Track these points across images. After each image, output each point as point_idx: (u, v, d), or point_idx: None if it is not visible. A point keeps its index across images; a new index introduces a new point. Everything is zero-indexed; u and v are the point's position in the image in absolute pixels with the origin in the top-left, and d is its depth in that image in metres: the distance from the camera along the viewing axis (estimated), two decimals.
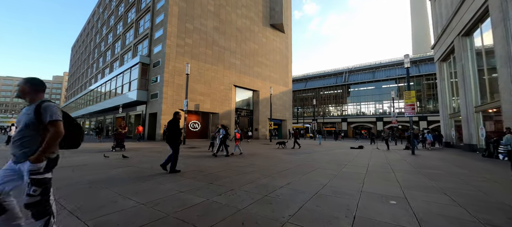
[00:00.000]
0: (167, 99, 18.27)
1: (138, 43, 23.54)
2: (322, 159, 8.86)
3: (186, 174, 5.18)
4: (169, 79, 18.50)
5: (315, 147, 16.26)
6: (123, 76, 22.71)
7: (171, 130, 5.46)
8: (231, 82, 23.96)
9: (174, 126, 5.49)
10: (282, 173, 5.57)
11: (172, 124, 5.50)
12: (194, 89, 20.22)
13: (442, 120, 19.79)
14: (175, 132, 5.47)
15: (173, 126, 5.48)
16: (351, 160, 8.58)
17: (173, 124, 5.50)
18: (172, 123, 5.51)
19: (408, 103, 12.20)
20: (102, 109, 27.89)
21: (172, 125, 5.49)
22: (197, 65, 20.74)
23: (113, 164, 6.57)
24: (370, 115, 51.24)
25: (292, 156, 9.60)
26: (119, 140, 10.51)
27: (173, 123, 5.51)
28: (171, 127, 5.47)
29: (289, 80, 32.89)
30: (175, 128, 5.48)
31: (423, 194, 3.87)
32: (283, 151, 11.96)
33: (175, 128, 5.48)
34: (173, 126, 5.48)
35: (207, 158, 8.18)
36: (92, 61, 39.73)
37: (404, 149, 15.59)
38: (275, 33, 30.99)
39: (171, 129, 5.46)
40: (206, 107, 21.23)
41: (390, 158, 9.60)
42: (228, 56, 23.86)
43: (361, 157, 10.00)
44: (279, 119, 30.44)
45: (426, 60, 48.26)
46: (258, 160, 8.15)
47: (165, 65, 18.33)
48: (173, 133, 5.45)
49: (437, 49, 20.09)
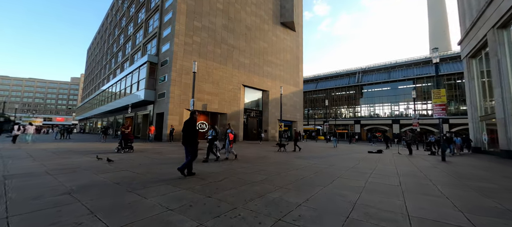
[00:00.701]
0: (174, 99, 17.80)
1: (147, 43, 23.43)
2: (341, 165, 7.79)
3: (183, 183, 4.38)
4: (176, 78, 18.05)
5: (329, 150, 15.09)
6: (132, 76, 22.63)
7: (188, 130, 5.10)
8: (240, 82, 23.24)
9: (192, 126, 5.16)
10: (298, 184, 4.63)
11: (190, 124, 5.16)
12: (201, 88, 19.67)
13: (471, 122, 17.90)
14: (193, 133, 5.14)
15: (190, 126, 5.14)
16: (375, 167, 7.45)
17: (190, 124, 5.16)
18: (190, 123, 5.16)
19: (438, 103, 10.82)
20: (112, 109, 28.12)
21: (189, 125, 5.14)
22: (205, 64, 20.19)
23: (104, 167, 5.91)
24: (385, 117, 48.75)
25: (305, 161, 8.60)
26: (127, 140, 9.96)
27: (191, 123, 5.18)
28: (188, 127, 5.11)
29: (300, 80, 31.72)
30: (193, 128, 5.16)
31: (497, 222, 2.80)
32: (294, 155, 10.96)
33: (193, 128, 5.16)
34: (191, 126, 5.15)
35: (210, 162, 7.39)
36: (105, 62, 40.59)
37: (429, 154, 14.09)
38: (285, 32, 30.01)
39: (188, 130, 5.10)
40: (214, 107, 20.61)
41: (419, 165, 8.35)
42: (237, 55, 23.18)
43: (385, 162, 8.82)
44: (289, 120, 29.34)
45: (447, 58, 45.25)
46: (267, 165, 7.25)
47: (173, 64, 17.90)
48: (191, 134, 5.10)
49: (465, 44, 18.25)
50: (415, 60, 49.38)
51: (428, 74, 44.58)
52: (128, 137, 10.00)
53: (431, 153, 14.17)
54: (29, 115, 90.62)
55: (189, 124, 5.14)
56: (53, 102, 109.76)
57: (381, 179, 5.41)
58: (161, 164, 6.59)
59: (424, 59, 48.69)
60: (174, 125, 17.41)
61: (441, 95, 10.80)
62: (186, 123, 5.17)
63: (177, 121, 17.76)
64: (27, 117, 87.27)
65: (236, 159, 8.33)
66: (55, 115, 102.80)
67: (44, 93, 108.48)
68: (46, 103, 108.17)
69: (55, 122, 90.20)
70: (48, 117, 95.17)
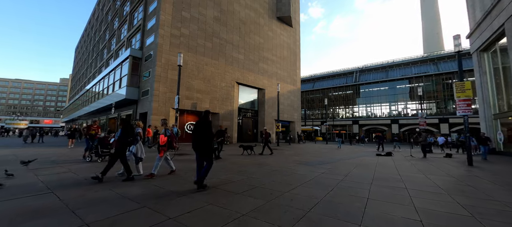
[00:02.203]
0: (159, 96, 15.87)
1: (131, 37, 21.43)
2: (357, 174, 6.09)
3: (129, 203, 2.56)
4: (161, 73, 16.13)
5: (333, 152, 13.44)
6: (114, 73, 20.58)
7: (202, 133, 4.10)
8: (234, 79, 21.44)
9: (207, 127, 4.15)
10: (311, 217, 2.88)
11: (204, 125, 4.16)
12: (190, 85, 17.79)
13: (483, 121, 16.57)
14: (209, 136, 4.11)
15: (205, 127, 4.13)
16: (401, 178, 5.77)
17: (205, 125, 4.16)
18: (204, 124, 4.16)
19: (462, 97, 9.28)
20: (95, 110, 25.91)
21: (203, 126, 4.14)
22: (195, 58, 18.33)
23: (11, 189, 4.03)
24: (384, 117, 47.68)
25: (309, 169, 6.88)
26: (104, 146, 7.72)
27: (205, 123, 4.18)
28: (202, 129, 4.12)
29: (297, 78, 30.13)
30: (208, 130, 4.13)
31: None
32: (295, 160, 9.22)
33: (208, 130, 4.13)
34: (206, 127, 4.14)
35: (191, 172, 5.59)
36: (91, 61, 38.21)
37: (445, 157, 12.61)
38: (282, 27, 28.41)
39: (202, 132, 4.10)
40: (205, 106, 18.74)
41: (452, 173, 6.73)
42: (230, 50, 21.40)
43: (406, 169, 7.17)
44: (286, 120, 27.67)
45: (445, 57, 44.53)
46: (264, 176, 5.49)
47: (157, 58, 15.99)
48: (206, 137, 4.08)
49: (476, 37, 16.97)
50: (412, 59, 48.59)
51: (426, 72, 43.76)
52: (106, 142, 7.87)
53: (446, 155, 12.66)
54: (14, 118, 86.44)
55: (203, 125, 4.15)
56: (41, 103, 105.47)
57: (432, 203, 3.70)
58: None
59: (421, 58, 47.97)
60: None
61: (465, 88, 9.27)
62: (199, 124, 4.19)
63: None
64: (11, 120, 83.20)
65: (171, 174, 5.48)
66: (43, 117, 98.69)
67: (32, 95, 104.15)
68: (33, 105, 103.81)
69: (43, 124, 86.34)
70: (35, 120, 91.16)
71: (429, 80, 43.10)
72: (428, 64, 45.69)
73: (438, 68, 43.34)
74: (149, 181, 4.70)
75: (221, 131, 9.92)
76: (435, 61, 45.43)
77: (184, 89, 17.30)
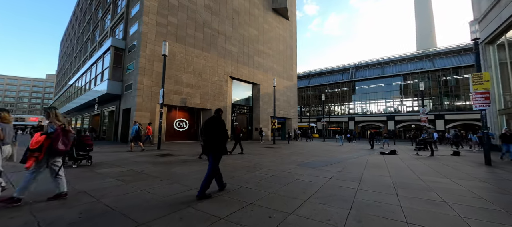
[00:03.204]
0: (143, 91, 14.41)
1: (115, 27, 19.71)
2: (373, 179, 4.98)
3: None
4: (146, 65, 14.64)
5: (334, 150, 12.38)
6: (96, 66, 18.88)
7: (214, 132, 3.63)
8: (227, 73, 20.10)
9: (220, 126, 3.68)
10: None
11: (216, 123, 3.69)
12: (179, 79, 16.38)
13: (488, 117, 15.88)
14: (223, 136, 3.67)
15: (218, 126, 3.68)
16: (431, 185, 4.69)
17: (217, 123, 3.70)
18: (216, 123, 3.70)
19: (479, 90, 8.32)
20: (78, 106, 24.10)
21: (216, 125, 3.68)
22: (184, 50, 16.88)
23: None
24: (380, 114, 47.34)
25: (313, 172, 5.75)
26: (82, 147, 6.07)
27: (218, 122, 3.71)
28: (214, 128, 3.65)
29: (294, 74, 29.00)
30: (222, 129, 3.67)
31: None
32: (294, 161, 8.08)
33: (222, 129, 3.67)
34: (218, 126, 3.68)
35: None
36: (75, 54, 35.96)
37: (452, 155, 11.77)
38: (278, 19, 27.11)
39: (214, 131, 3.64)
40: (195, 102, 17.38)
41: (480, 176, 5.74)
42: (223, 41, 20.00)
43: (425, 172, 6.13)
44: (282, 117, 26.57)
45: (440, 53, 44.31)
46: (260, 185, 4.30)
47: (141, 48, 14.48)
48: (219, 137, 3.62)
49: (481, 29, 16.17)
50: (408, 56, 48.26)
51: (422, 69, 43.46)
52: (84, 142, 6.14)
53: (454, 153, 11.83)
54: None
55: (214, 123, 3.71)
56: (26, 100, 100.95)
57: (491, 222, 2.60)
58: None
59: (416, 54, 47.70)
60: (144, 124, 14.05)
61: (483, 79, 8.32)
62: (210, 122, 3.75)
63: (148, 118, 14.41)
64: None
65: (57, 199, 3.23)
66: (29, 115, 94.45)
67: (16, 91, 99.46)
68: (18, 102, 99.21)
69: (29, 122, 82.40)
70: (20, 117, 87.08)
71: (425, 76, 42.82)
72: (424, 60, 45.43)
73: (433, 65, 43.10)
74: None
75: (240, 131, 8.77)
76: (430, 57, 45.20)
77: (172, 83, 15.88)
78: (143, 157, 8.04)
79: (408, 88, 44.85)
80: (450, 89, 40.60)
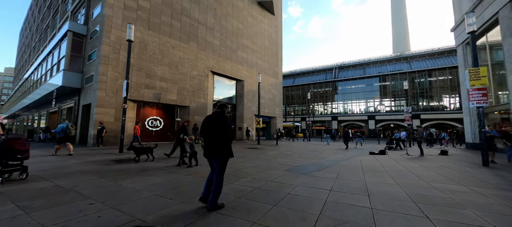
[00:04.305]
0: (107, 83, 12.32)
1: (76, 10, 17.08)
2: (381, 191, 3.93)
3: None
4: (110, 54, 12.56)
5: (323, 151, 11.45)
6: (52, 56, 16.17)
7: (217, 131, 2.98)
8: (208, 67, 18.45)
9: (224, 124, 3.00)
10: None
11: (219, 120, 3.02)
12: (152, 72, 14.45)
13: (468, 116, 16.19)
14: (228, 135, 3.01)
15: (221, 123, 3.00)
16: (453, 197, 3.74)
17: (220, 120, 3.02)
18: (219, 120, 3.03)
19: (476, 86, 7.83)
20: (32, 102, 20.80)
21: (219, 122, 3.00)
22: (158, 39, 14.97)
23: None
24: (361, 113, 48.50)
25: (308, 180, 4.59)
26: (10, 155, 4.23)
27: (221, 119, 3.03)
28: (216, 126, 2.99)
29: (279, 71, 28.06)
30: (226, 127, 3.00)
31: None
32: (282, 164, 6.91)
33: (226, 127, 3.00)
34: (222, 123, 3.00)
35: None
36: (34, 44, 31.64)
37: (440, 154, 11.49)
38: (263, 13, 25.94)
39: (216, 130, 2.98)
40: (171, 98, 15.56)
41: (491, 181, 5.00)
42: (204, 33, 18.31)
43: (430, 177, 5.29)
44: (267, 116, 25.49)
45: (416, 56, 46.49)
46: (242, 203, 2.99)
47: (105, 34, 12.37)
48: (223, 137, 2.97)
49: (462, 29, 16.42)
50: (387, 58, 50.06)
51: (400, 70, 45.19)
52: (14, 148, 4.27)
53: (442, 152, 11.55)
54: None
55: (218, 120, 3.01)
56: None
57: None
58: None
59: (395, 57, 49.64)
60: (107, 122, 12.01)
61: (480, 75, 7.84)
62: (212, 118, 3.05)
63: (112, 116, 12.37)
64: None
65: None
66: None
67: None
68: None
69: None
70: None
71: (403, 77, 44.56)
72: (402, 62, 47.32)
73: (411, 67, 45.00)
74: None
75: (184, 128, 7.23)
76: (408, 59, 47.20)
77: (143, 76, 13.93)
78: (92, 165, 6.32)
79: (387, 88, 46.41)
80: (425, 90, 42.63)
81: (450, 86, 40.41)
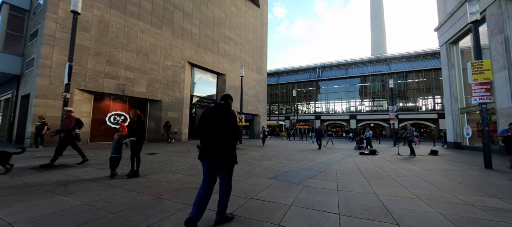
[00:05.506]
0: (51, 69, 9.94)
1: None
2: (415, 215, 2.68)
3: None
4: (57, 33, 10.18)
5: (311, 152, 10.30)
6: None
7: (221, 129, 2.32)
8: (185, 58, 16.49)
9: (230, 120, 2.34)
10: None
11: (224, 116, 2.34)
12: (114, 58, 12.22)
13: (450, 115, 16.26)
14: (234, 134, 2.40)
15: (227, 119, 2.34)
16: (501, 215, 2.61)
17: (225, 116, 2.34)
18: (224, 115, 2.34)
19: (479, 80, 7.13)
20: None
21: (224, 118, 2.33)
22: (123, 20, 12.74)
23: None
24: (343, 113, 49.23)
25: (301, 194, 3.23)
26: None
27: (226, 114, 2.35)
28: (221, 123, 2.33)
29: (264, 67, 26.76)
30: (232, 124, 2.36)
31: None
32: (266, 169, 5.52)
33: (232, 124, 2.36)
34: (228, 120, 2.33)
35: None
36: None
37: (430, 154, 10.99)
38: (248, 5, 24.40)
39: (220, 128, 2.32)
40: (139, 90, 13.43)
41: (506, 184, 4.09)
42: (180, 18, 16.31)
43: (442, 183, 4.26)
44: (251, 113, 24.07)
45: (395, 58, 48.25)
46: None
47: (49, 8, 9.97)
48: (232, 137, 2.38)
49: (446, 29, 16.45)
50: (368, 59, 51.42)
51: (380, 71, 46.54)
52: None
53: (431, 152, 11.06)
54: None
55: (223, 115, 2.34)
56: None
57: None
58: None
59: (375, 58, 51.19)
60: (51, 117, 9.67)
61: (484, 68, 7.15)
62: (215, 112, 2.38)
63: (58, 110, 10.03)
64: None
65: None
66: None
67: None
68: None
69: None
70: None
71: (382, 79, 45.95)
72: (381, 64, 48.82)
73: (390, 68, 46.54)
74: None
75: (80, 122, 5.62)
76: (387, 61, 48.82)
77: (102, 61, 11.66)
78: (4, 177, 4.36)
79: (367, 89, 47.57)
80: (402, 92, 44.30)
81: (425, 88, 42.38)
